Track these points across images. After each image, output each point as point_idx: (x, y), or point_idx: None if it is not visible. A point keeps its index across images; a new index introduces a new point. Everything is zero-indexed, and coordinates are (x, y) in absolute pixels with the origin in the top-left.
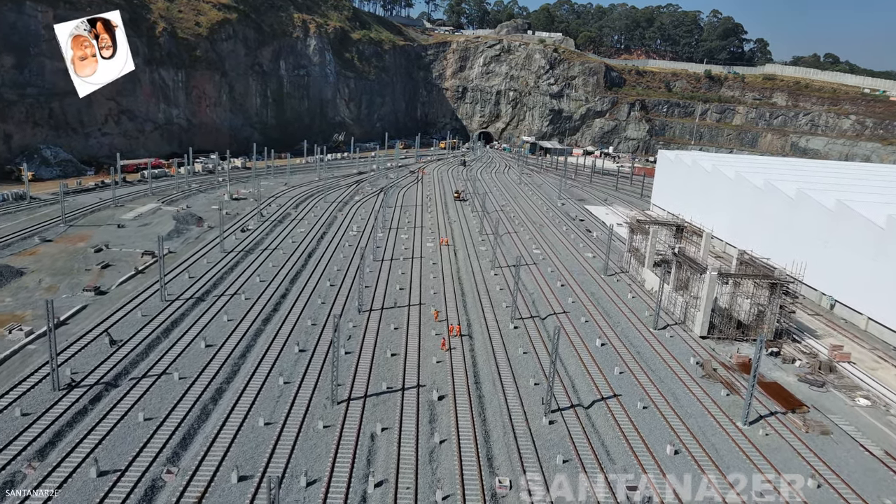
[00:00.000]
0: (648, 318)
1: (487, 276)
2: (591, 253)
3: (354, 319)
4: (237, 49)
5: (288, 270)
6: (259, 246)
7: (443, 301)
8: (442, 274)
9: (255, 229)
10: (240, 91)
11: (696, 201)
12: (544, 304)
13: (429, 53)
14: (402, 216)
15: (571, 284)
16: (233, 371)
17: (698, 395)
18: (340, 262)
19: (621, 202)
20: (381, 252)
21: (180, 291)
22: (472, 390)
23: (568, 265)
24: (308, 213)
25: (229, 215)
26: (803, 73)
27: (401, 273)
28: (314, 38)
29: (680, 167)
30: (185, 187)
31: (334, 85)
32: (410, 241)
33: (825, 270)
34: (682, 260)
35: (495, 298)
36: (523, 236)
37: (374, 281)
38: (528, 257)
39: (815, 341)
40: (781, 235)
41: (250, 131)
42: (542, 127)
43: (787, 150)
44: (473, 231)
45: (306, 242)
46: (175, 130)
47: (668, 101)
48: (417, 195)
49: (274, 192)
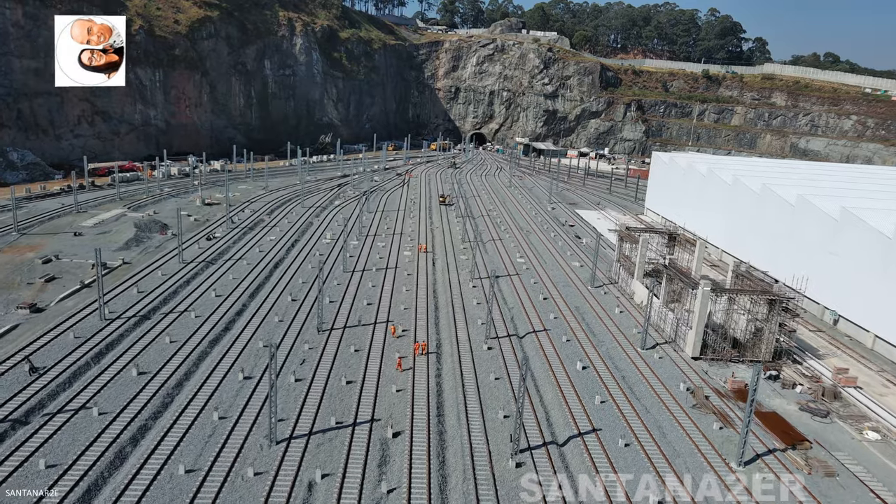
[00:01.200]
0: (636, 337)
1: (465, 288)
2: (578, 262)
3: (312, 340)
4: (219, 48)
5: (249, 284)
6: (223, 256)
7: (413, 317)
8: (416, 286)
9: (223, 237)
10: (222, 91)
11: (692, 206)
12: (524, 320)
13: (421, 53)
14: (382, 222)
15: (555, 297)
16: (164, 404)
17: (688, 429)
18: (308, 273)
19: (614, 206)
20: (353, 262)
21: (125, 308)
22: (432, 425)
23: (553, 276)
24: (282, 219)
25: (198, 222)
26: (803, 73)
27: (371, 286)
28: (300, 36)
29: (674, 170)
30: (157, 191)
31: (321, 85)
32: (387, 249)
33: (828, 283)
34: (672, 273)
35: (471, 314)
36: (508, 244)
37: (341, 295)
38: (510, 267)
39: (817, 362)
40: (781, 244)
41: (233, 133)
42: (537, 128)
43: (787, 152)
44: (456, 238)
45: (274, 252)
46: (152, 132)
47: (665, 102)
48: (401, 199)
49: (251, 196)
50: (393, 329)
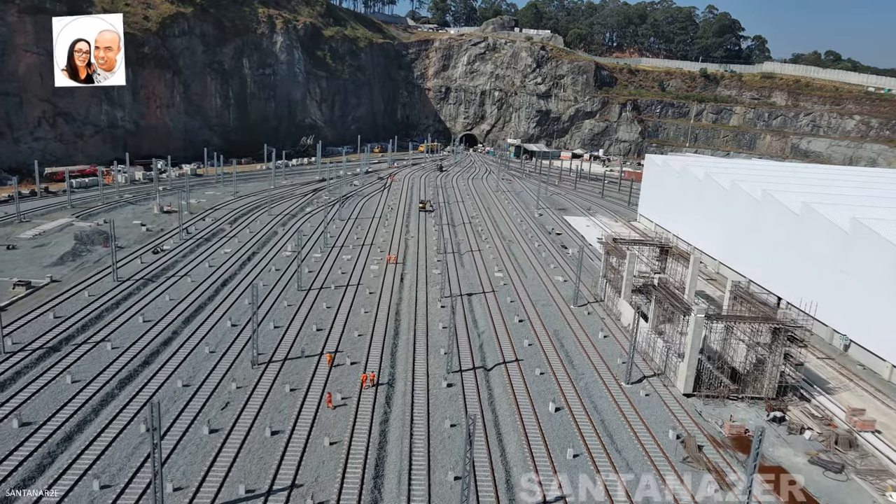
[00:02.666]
0: (621, 368)
1: (433, 308)
2: (562, 276)
3: (243, 377)
4: (193, 46)
5: (186, 306)
6: (166, 272)
7: (366, 346)
8: (377, 308)
9: (173, 250)
10: (196, 91)
11: (687, 214)
12: (494, 348)
13: (410, 52)
14: (353, 231)
15: (532, 319)
16: (40, 467)
17: (678, 494)
18: (259, 292)
19: (606, 212)
20: (311, 279)
21: (33, 337)
22: (364, 492)
23: (533, 293)
24: (244, 228)
25: (150, 232)
26: (803, 72)
27: (325, 307)
28: (281, 34)
29: (668, 174)
30: (117, 198)
31: (304, 85)
32: (353, 262)
33: (838, 303)
34: (662, 295)
35: (435, 341)
36: (487, 255)
37: (289, 319)
38: (487, 283)
39: (828, 398)
40: (785, 257)
41: (208, 134)
42: (529, 129)
43: (788, 153)
44: (431, 249)
45: (226, 267)
46: (120, 134)
47: (662, 102)
48: (379, 205)
49: (218, 202)
50: (329, 357)
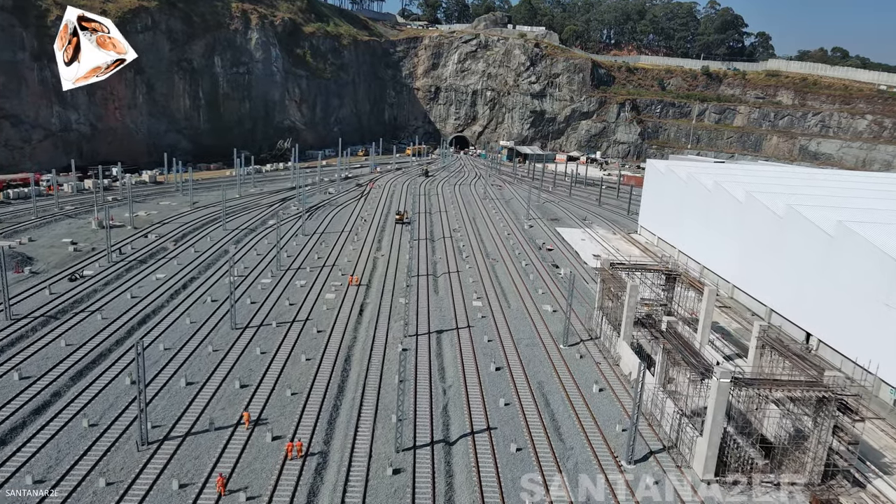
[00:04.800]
0: (621, 438)
1: (392, 353)
2: (551, 304)
3: (119, 467)
4: (158, 42)
5: (85, 353)
6: (76, 307)
7: (298, 410)
8: (322, 353)
9: (95, 276)
10: (162, 91)
11: (694, 228)
12: (460, 410)
13: (398, 50)
14: (316, 249)
15: (513, 366)
16: None
17: None
18: (181, 333)
19: (603, 222)
20: (252, 312)
21: None
22: None
23: (516, 329)
24: (190, 247)
25: (78, 253)
26: (811, 69)
27: (258, 354)
28: (257, 30)
29: (672, 182)
30: (55, 210)
31: (282, 84)
32: (306, 289)
33: (884, 346)
34: (674, 347)
35: (388, 402)
36: (467, 278)
37: (208, 372)
38: (462, 314)
39: (888, 483)
40: (814, 285)
41: (175, 138)
42: (523, 130)
43: (796, 155)
44: (403, 269)
45: (152, 298)
46: (73, 138)
47: (662, 101)
48: (352, 217)
49: (170, 215)
50: (247, 417)
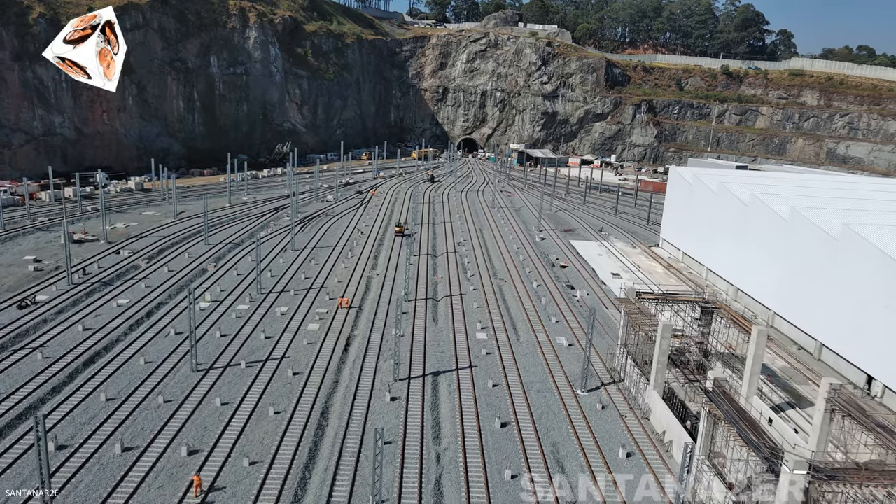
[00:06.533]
0: None
1: (379, 403)
2: (566, 337)
3: None
4: (150, 41)
5: (10, 407)
6: (17, 342)
7: (257, 485)
8: (296, 404)
9: (50, 301)
10: (154, 93)
11: (726, 245)
12: (457, 487)
13: (405, 49)
14: (305, 267)
15: (522, 421)
16: None
17: None
18: (131, 377)
19: (621, 233)
20: (219, 350)
21: None
22: None
23: (526, 369)
24: (165, 265)
25: (39, 273)
26: (836, 68)
27: (218, 405)
28: (255, 29)
29: (701, 193)
30: (28, 222)
31: (282, 85)
32: (287, 318)
33: None
34: (725, 419)
35: (366, 477)
36: (470, 302)
37: (153, 431)
38: (463, 350)
39: None
40: (880, 320)
41: (168, 142)
42: (534, 132)
43: (823, 158)
44: (399, 289)
45: (108, 331)
46: (57, 143)
47: (680, 102)
48: (349, 228)
49: (150, 227)
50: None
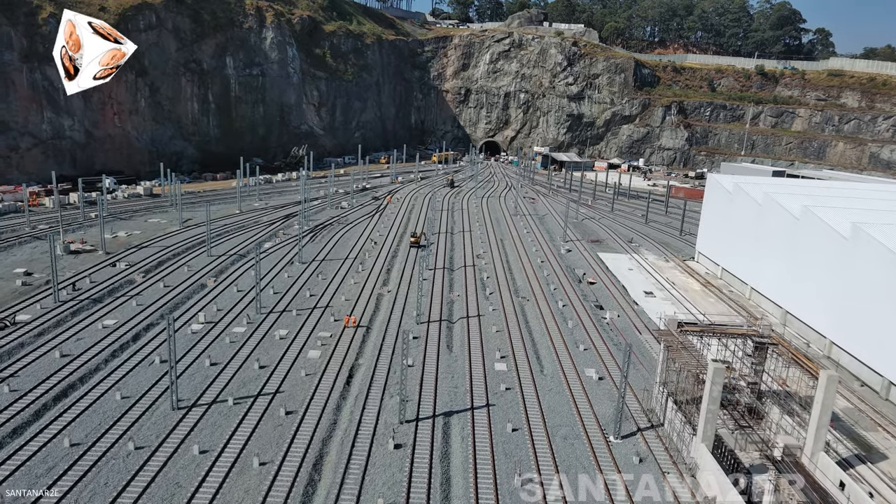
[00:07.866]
0: None
1: (380, 452)
2: (596, 368)
3: None
4: (164, 42)
5: None
6: None
7: None
8: (286, 452)
9: (30, 322)
10: (167, 95)
11: (774, 263)
12: None
13: (426, 50)
14: (311, 282)
15: (546, 478)
16: None
17: None
18: (103, 417)
19: (652, 244)
20: (206, 383)
21: None
22: None
23: (550, 409)
24: (161, 280)
25: (27, 288)
26: (878, 68)
27: (196, 453)
28: (272, 29)
29: (743, 204)
30: (27, 230)
31: (299, 87)
32: (286, 344)
33: None
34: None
35: None
36: (489, 326)
37: (121, 483)
38: (480, 384)
39: None
40: None
41: (182, 145)
42: (559, 135)
43: (866, 164)
44: (411, 309)
45: (84, 359)
46: (67, 147)
47: (712, 103)
48: (362, 238)
49: (153, 236)
50: None
